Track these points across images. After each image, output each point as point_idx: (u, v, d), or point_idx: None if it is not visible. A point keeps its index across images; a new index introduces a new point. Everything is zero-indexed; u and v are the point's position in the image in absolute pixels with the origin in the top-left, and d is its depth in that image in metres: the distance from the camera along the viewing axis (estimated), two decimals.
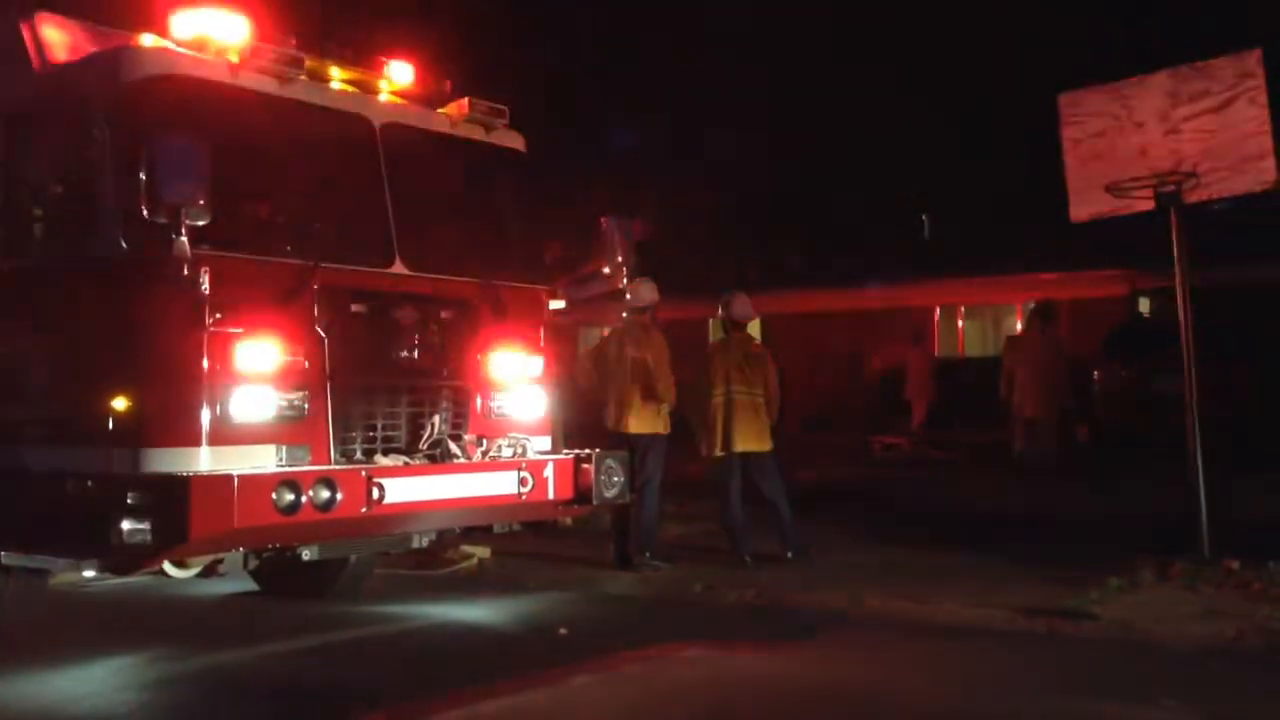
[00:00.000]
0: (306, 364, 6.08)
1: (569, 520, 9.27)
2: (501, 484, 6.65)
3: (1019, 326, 19.60)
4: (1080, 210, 8.66)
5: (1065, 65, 12.01)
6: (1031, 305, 18.29)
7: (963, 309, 24.03)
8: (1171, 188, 8.18)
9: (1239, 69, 8.06)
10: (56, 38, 6.32)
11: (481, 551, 9.32)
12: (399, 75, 7.00)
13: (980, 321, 24.48)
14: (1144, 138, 8.34)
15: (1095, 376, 14.65)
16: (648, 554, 8.97)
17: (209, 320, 5.76)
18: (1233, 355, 14.49)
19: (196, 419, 5.76)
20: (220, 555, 6.16)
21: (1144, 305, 20.74)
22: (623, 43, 12.03)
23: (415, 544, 6.98)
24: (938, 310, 23.84)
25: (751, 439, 9.15)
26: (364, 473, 6.00)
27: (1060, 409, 13.40)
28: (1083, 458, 14.08)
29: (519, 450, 6.85)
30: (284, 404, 6.00)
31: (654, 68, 12.29)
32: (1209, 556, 7.94)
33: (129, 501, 5.57)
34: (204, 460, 5.73)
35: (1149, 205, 8.35)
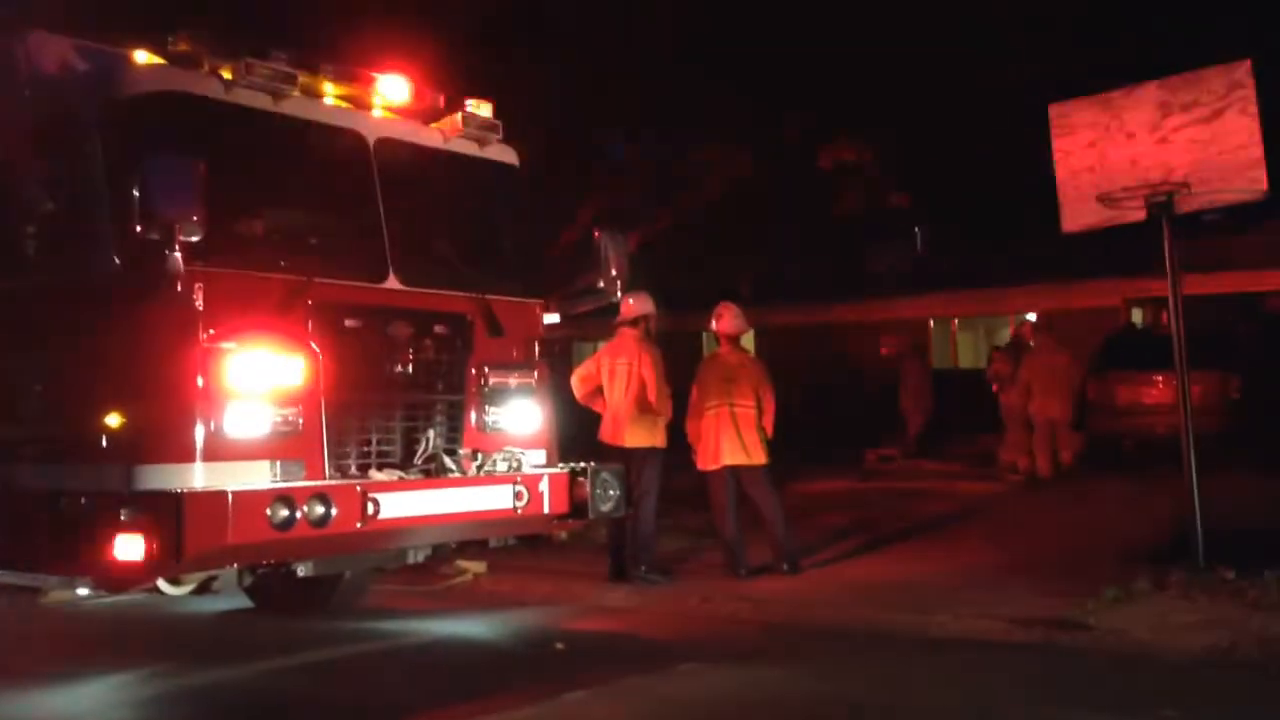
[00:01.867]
0: (301, 379, 6.07)
1: (564, 534, 9.25)
2: (497, 498, 6.63)
3: (1008, 337, 19.66)
4: (1072, 221, 8.68)
5: (1055, 74, 12.08)
6: (1026, 319, 18.38)
7: (957, 321, 24.08)
8: (1163, 198, 8.21)
9: (1228, 79, 8.11)
10: (49, 54, 6.31)
11: (477, 566, 9.30)
12: (392, 90, 7.00)
13: (973, 333, 24.51)
14: (1135, 148, 8.37)
15: (1087, 387, 14.74)
16: (644, 567, 8.95)
17: (202, 336, 5.75)
18: (1229, 363, 14.55)
19: (190, 435, 5.74)
20: (215, 572, 6.14)
21: (1136, 315, 20.83)
22: (616, 55, 12.07)
23: (410, 559, 6.95)
24: (931, 322, 23.87)
25: (741, 452, 9.15)
26: (359, 488, 5.98)
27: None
28: (1077, 468, 14.11)
29: (514, 464, 6.84)
30: (278, 419, 5.98)
31: (646, 79, 12.34)
32: (1204, 566, 7.95)
33: (122, 518, 5.54)
34: (198, 476, 5.70)
35: (1140, 215, 8.38)
